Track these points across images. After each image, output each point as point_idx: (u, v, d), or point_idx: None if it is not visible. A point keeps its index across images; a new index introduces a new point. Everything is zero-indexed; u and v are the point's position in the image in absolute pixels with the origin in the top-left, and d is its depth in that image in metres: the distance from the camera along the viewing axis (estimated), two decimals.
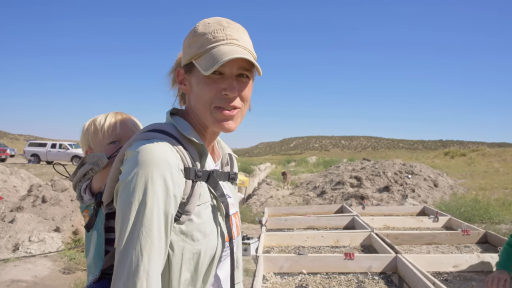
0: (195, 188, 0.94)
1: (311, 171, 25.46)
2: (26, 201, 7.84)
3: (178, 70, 1.05)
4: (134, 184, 0.84)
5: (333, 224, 3.67)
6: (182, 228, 0.91)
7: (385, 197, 11.67)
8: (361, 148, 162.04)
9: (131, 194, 0.84)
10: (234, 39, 0.98)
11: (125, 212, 0.83)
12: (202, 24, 1.00)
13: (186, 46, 1.02)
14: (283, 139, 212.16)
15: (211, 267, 0.98)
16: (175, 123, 1.01)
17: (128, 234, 0.82)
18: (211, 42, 0.96)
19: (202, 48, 0.96)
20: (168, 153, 0.89)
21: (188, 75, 1.02)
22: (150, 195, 0.83)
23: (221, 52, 0.94)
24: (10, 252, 6.36)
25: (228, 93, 0.96)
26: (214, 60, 0.93)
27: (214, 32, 0.97)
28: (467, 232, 3.05)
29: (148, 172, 0.84)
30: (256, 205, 12.88)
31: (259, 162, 41.31)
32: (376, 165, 14.82)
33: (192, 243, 0.92)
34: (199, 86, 0.98)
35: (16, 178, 14.81)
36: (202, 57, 0.96)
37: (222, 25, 0.99)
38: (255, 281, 2.04)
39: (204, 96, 0.97)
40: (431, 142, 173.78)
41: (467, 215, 8.23)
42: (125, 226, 0.83)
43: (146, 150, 0.87)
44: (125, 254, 0.82)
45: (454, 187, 13.40)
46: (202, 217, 0.95)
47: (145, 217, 0.83)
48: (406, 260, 2.30)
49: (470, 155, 25.77)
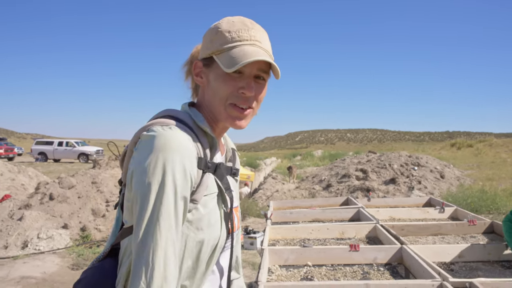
0: (203, 178, 0.96)
1: (317, 165, 25.45)
2: (34, 199, 7.91)
3: (196, 63, 1.06)
4: (153, 166, 0.85)
5: (338, 216, 3.67)
6: (188, 216, 0.93)
7: (391, 189, 11.64)
8: (367, 141, 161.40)
9: (151, 176, 0.85)
10: (257, 41, 1.00)
11: (145, 193, 0.85)
12: (226, 22, 1.01)
13: (207, 41, 1.02)
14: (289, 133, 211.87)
15: (213, 256, 0.99)
16: (192, 113, 1.03)
17: (149, 214, 0.84)
18: (235, 40, 0.98)
19: (225, 45, 0.98)
20: (187, 140, 0.91)
21: (206, 68, 1.03)
22: (170, 177, 0.85)
23: (245, 52, 0.96)
24: (19, 249, 6.43)
25: (245, 92, 0.98)
26: (237, 59, 0.95)
27: (238, 31, 0.99)
28: (473, 222, 3.03)
29: (167, 156, 0.86)
30: (262, 199, 12.91)
31: (264, 156, 41.33)
32: (382, 157, 14.77)
33: (196, 231, 0.93)
34: (217, 81, 0.99)
35: (24, 176, 14.95)
36: (224, 54, 0.97)
37: (247, 26, 1.01)
38: (260, 273, 2.05)
39: (222, 91, 0.99)
40: (437, 133, 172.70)
41: (474, 206, 8.19)
42: (145, 206, 0.84)
43: (165, 135, 0.88)
44: (146, 233, 0.83)
45: (461, 178, 13.33)
46: (208, 207, 0.97)
47: (165, 197, 0.84)
48: (411, 251, 2.30)
49: (477, 146, 25.61)
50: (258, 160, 29.82)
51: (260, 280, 1.96)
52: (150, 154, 0.87)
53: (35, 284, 5.07)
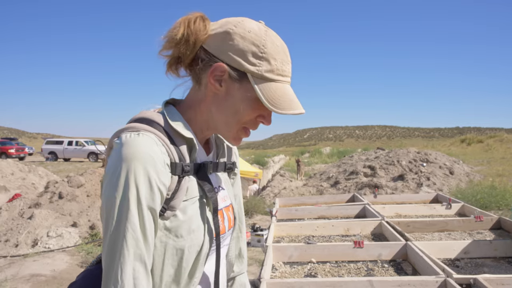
0: (181, 183, 0.91)
1: (325, 162, 25.39)
2: (43, 198, 8.01)
3: (220, 66, 0.91)
4: (116, 178, 0.81)
5: (344, 213, 3.65)
6: (166, 224, 0.89)
7: (399, 186, 11.57)
8: (376, 138, 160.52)
9: (114, 188, 0.81)
10: (290, 78, 0.96)
11: (109, 207, 0.81)
12: (271, 43, 0.91)
13: (242, 49, 0.90)
14: (297, 130, 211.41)
15: (197, 263, 0.94)
16: (167, 114, 0.95)
17: (113, 230, 0.80)
18: (279, 74, 0.92)
19: (267, 74, 0.90)
20: (152, 147, 0.85)
21: (230, 80, 0.92)
22: (133, 190, 0.81)
23: (290, 98, 0.92)
24: (29, 247, 6.52)
25: (265, 123, 0.96)
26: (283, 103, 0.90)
27: (282, 62, 0.92)
28: (480, 218, 3.00)
29: (130, 167, 0.81)
30: (270, 196, 12.92)
31: (273, 154, 41.32)
32: (390, 154, 14.68)
33: (176, 239, 0.89)
34: (244, 104, 0.92)
35: (34, 175, 15.13)
36: (266, 85, 0.90)
37: (288, 57, 0.95)
38: (263, 270, 2.05)
39: (244, 116, 0.94)
40: (447, 129, 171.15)
41: (483, 202, 8.11)
42: (110, 222, 0.81)
43: (130, 143, 0.83)
44: (113, 251, 0.80)
45: (470, 174, 13.20)
46: (188, 213, 0.92)
47: (129, 212, 0.80)
48: (416, 247, 2.28)
49: (488, 142, 25.33)
50: (266, 158, 29.83)
51: (262, 277, 1.96)
52: (114, 165, 0.82)
53: (45, 281, 5.14)
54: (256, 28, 0.91)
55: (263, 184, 16.88)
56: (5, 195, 11.01)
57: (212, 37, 0.93)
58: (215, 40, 0.92)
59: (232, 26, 0.91)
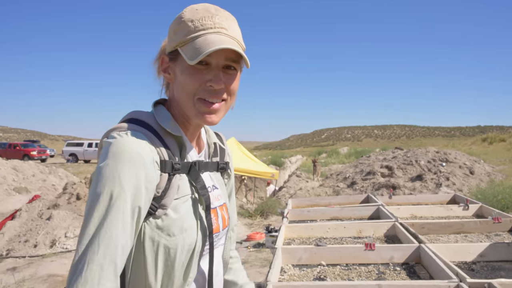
0: (172, 181, 0.91)
1: (342, 162, 25.17)
2: (61, 199, 8.16)
3: (163, 58, 1.01)
4: (102, 175, 0.81)
5: (357, 214, 3.59)
6: (157, 222, 0.88)
7: (417, 186, 11.36)
8: (395, 137, 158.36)
9: (99, 185, 0.81)
10: (223, 28, 0.94)
11: (91, 202, 0.81)
12: (190, 10, 0.95)
13: (172, 33, 0.97)
14: (315, 130, 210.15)
15: (191, 262, 0.94)
16: (155, 114, 0.98)
17: (89, 226, 0.79)
18: (198, 30, 0.92)
19: (188, 36, 0.92)
20: (141, 145, 0.86)
21: (172, 63, 0.98)
22: (117, 186, 0.80)
23: (208, 41, 0.90)
24: (48, 247, 6.64)
25: (213, 85, 0.93)
26: (200, 49, 0.89)
27: (201, 19, 0.93)
28: (498, 219, 2.90)
29: (117, 164, 0.82)
30: (286, 197, 12.85)
31: (290, 154, 41.18)
32: (408, 153, 14.45)
33: (168, 238, 0.89)
34: (183, 75, 0.94)
35: (55, 177, 15.45)
36: (188, 45, 0.92)
37: (210, 12, 0.94)
38: (270, 273, 2.02)
39: (188, 86, 0.94)
40: (469, 128, 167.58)
41: (504, 202, 7.88)
42: (89, 217, 0.80)
43: (119, 142, 0.84)
44: (83, 245, 0.78)
45: (491, 174, 12.87)
46: (180, 211, 0.92)
47: (109, 208, 0.79)
48: (429, 250, 2.21)
49: (510, 140, 24.69)
50: (283, 158, 29.74)
51: (269, 280, 1.93)
52: (102, 163, 0.83)
53: (61, 282, 5.22)
54: (182, 11, 0.98)
55: (279, 184, 16.83)
56: (26, 196, 11.27)
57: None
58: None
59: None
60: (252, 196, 14.11)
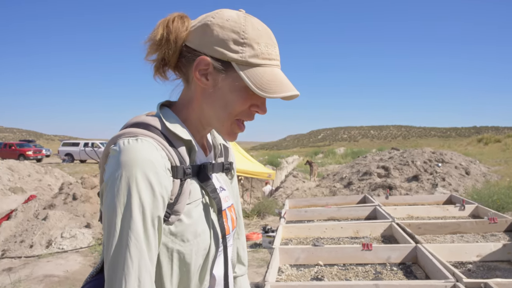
0: (184, 186, 0.89)
1: (339, 162, 25.23)
2: (57, 199, 8.13)
3: (203, 59, 0.88)
4: (117, 186, 0.79)
5: (354, 214, 3.60)
6: (171, 229, 0.86)
7: (414, 186, 11.40)
8: (391, 138, 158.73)
9: (115, 197, 0.79)
10: (279, 61, 0.92)
11: (111, 217, 0.79)
12: (251, 27, 0.88)
13: (223, 39, 0.88)
14: (311, 131, 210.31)
15: (206, 266, 0.93)
16: (163, 117, 0.93)
17: (116, 240, 0.78)
18: (265, 58, 0.88)
19: (253, 60, 0.87)
20: (152, 152, 0.83)
21: (216, 72, 0.89)
22: (135, 197, 0.78)
23: (280, 80, 0.88)
24: (44, 248, 6.62)
25: (259, 112, 0.93)
26: (273, 87, 0.86)
27: (267, 46, 0.89)
28: (494, 220, 2.92)
29: (131, 174, 0.78)
30: (282, 197, 12.88)
31: (286, 155, 41.21)
32: (404, 154, 14.50)
33: (182, 244, 0.87)
34: (234, 95, 0.89)
35: (51, 177, 15.38)
36: (252, 70, 0.87)
37: (273, 40, 0.91)
38: (268, 273, 2.02)
39: (236, 107, 0.90)
40: (464, 129, 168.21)
41: (500, 203, 7.92)
42: (112, 231, 0.78)
43: (129, 150, 0.81)
44: (116, 262, 0.77)
45: (487, 175, 12.95)
46: (193, 216, 0.90)
47: (132, 221, 0.78)
48: (426, 250, 2.23)
49: (505, 141, 24.82)
50: (279, 159, 29.76)
51: (267, 280, 1.94)
52: (114, 173, 0.79)
53: (58, 282, 5.20)
54: (234, 16, 0.89)
55: (276, 185, 16.84)
56: (22, 196, 11.23)
57: (192, 33, 0.91)
58: (196, 35, 0.91)
59: (210, 18, 0.90)
60: (248, 197, 14.12)
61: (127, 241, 0.77)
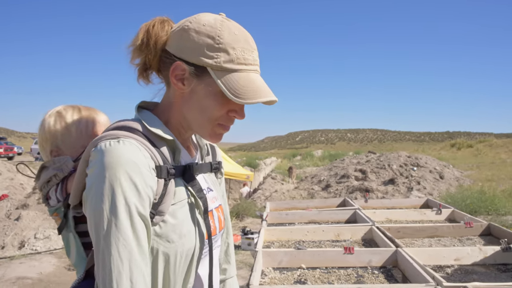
0: (168, 186, 0.88)
1: (317, 165, 25.45)
2: (31, 199, 7.91)
3: (179, 65, 0.89)
4: (102, 189, 0.78)
5: (334, 218, 3.64)
6: (156, 229, 0.86)
7: (390, 189, 11.62)
8: (367, 141, 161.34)
9: (100, 199, 0.78)
10: (258, 65, 0.92)
11: (98, 219, 0.78)
12: (228, 32, 0.88)
13: (198, 45, 0.88)
14: (289, 133, 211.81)
15: (190, 267, 0.93)
16: (142, 119, 0.93)
17: (103, 243, 0.77)
18: (241, 63, 0.88)
19: (228, 65, 0.87)
20: (135, 152, 0.82)
21: (192, 77, 0.90)
22: (120, 198, 0.77)
23: (256, 86, 0.88)
24: (16, 249, 6.43)
25: (237, 117, 0.93)
26: (249, 93, 0.86)
27: (243, 51, 0.89)
28: (469, 224, 3.00)
29: (115, 175, 0.78)
30: (261, 199, 12.90)
31: (264, 156, 41.29)
32: (381, 157, 14.75)
33: (167, 244, 0.87)
34: (210, 100, 0.90)
35: (23, 176, 14.91)
36: (228, 77, 0.87)
37: (250, 46, 0.91)
38: (252, 276, 2.02)
39: (213, 112, 0.91)
40: (438, 134, 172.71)
41: (472, 206, 8.16)
42: (100, 234, 0.78)
43: (112, 151, 0.80)
44: (105, 263, 0.77)
45: (460, 179, 13.31)
46: (178, 217, 0.89)
47: (119, 222, 0.77)
48: (406, 254, 2.27)
49: (477, 146, 25.61)
50: (258, 160, 29.79)
51: (251, 284, 1.94)
52: (97, 175, 0.79)
53: (31, 284, 5.06)
54: (211, 21, 0.89)
55: (254, 186, 16.85)
56: None
57: (171, 37, 0.92)
58: (174, 40, 0.91)
59: (187, 23, 0.90)
60: (226, 198, 14.06)
61: (116, 243, 0.77)
